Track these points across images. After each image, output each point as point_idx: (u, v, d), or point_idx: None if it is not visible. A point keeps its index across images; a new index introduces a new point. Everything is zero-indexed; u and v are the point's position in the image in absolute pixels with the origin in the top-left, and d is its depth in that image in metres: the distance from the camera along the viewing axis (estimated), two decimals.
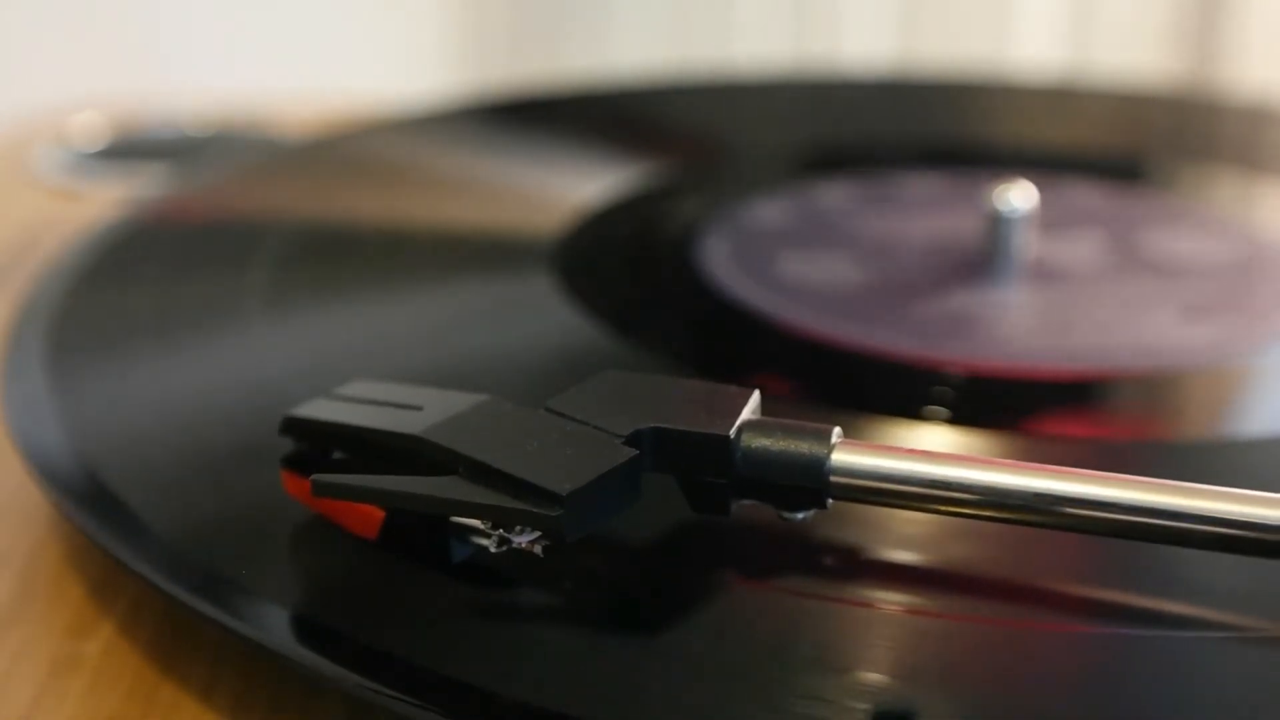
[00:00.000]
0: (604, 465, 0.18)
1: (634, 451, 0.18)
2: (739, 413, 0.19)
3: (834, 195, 0.36)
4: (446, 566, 0.19)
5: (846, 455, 0.18)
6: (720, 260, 0.31)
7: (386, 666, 0.17)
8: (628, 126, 0.42)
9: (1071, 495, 0.18)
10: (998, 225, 0.30)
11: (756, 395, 0.20)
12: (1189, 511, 0.17)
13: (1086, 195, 0.36)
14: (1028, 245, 0.31)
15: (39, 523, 0.23)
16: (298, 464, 0.20)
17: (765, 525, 0.20)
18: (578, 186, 0.36)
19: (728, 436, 0.18)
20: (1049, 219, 0.32)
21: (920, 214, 0.34)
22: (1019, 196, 0.30)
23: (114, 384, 0.25)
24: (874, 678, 0.17)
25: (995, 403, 0.26)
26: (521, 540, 0.18)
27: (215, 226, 0.34)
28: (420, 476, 0.18)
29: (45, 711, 0.19)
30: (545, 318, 0.28)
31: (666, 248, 0.33)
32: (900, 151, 0.40)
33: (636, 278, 0.32)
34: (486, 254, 0.32)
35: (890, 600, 0.19)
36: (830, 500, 0.19)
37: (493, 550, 0.18)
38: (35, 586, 0.22)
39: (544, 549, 0.18)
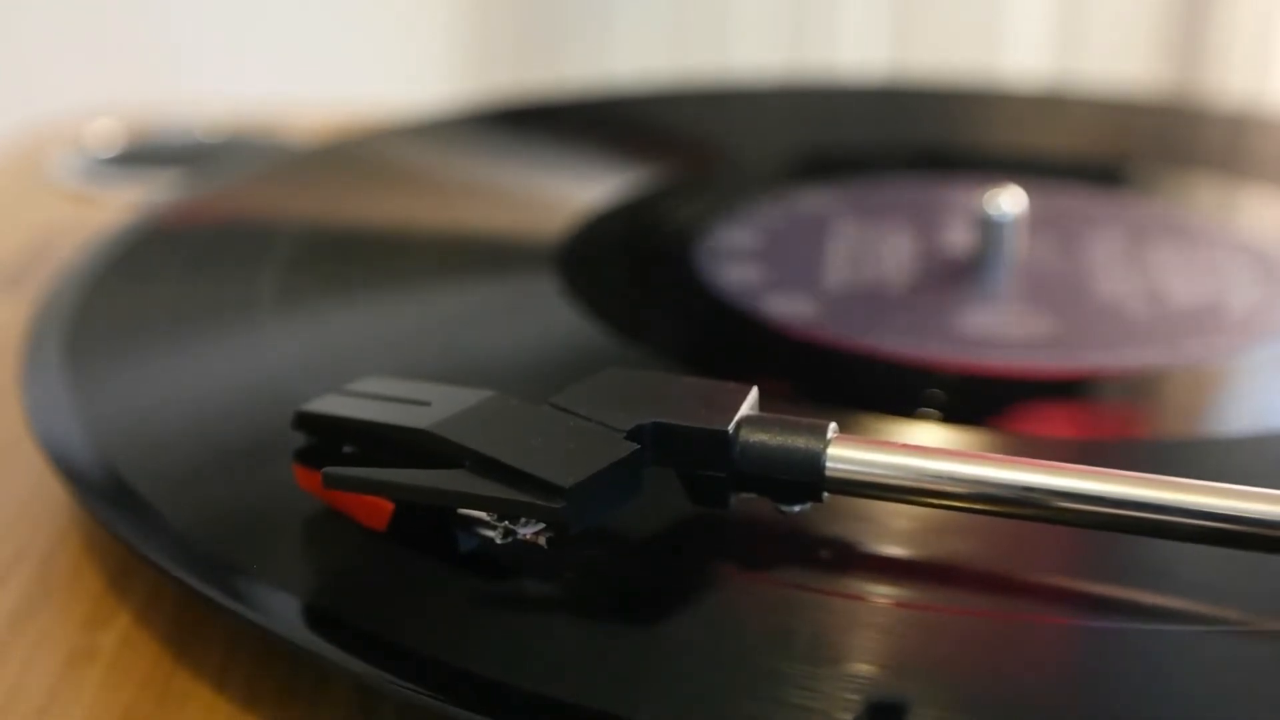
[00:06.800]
0: (606, 459, 0.18)
1: (635, 446, 0.18)
2: (738, 408, 0.19)
3: (829, 199, 0.36)
4: (453, 557, 0.19)
5: (842, 450, 0.19)
6: (718, 262, 0.32)
7: (395, 655, 0.18)
8: (629, 132, 0.43)
9: (1062, 489, 0.18)
10: (988, 229, 0.31)
11: (755, 392, 0.20)
12: (1178, 505, 0.18)
13: (1075, 199, 0.36)
14: (1017, 248, 0.31)
15: (58, 519, 0.24)
16: (309, 458, 0.20)
17: (763, 519, 0.20)
18: (580, 190, 0.36)
19: (727, 431, 0.19)
20: (1038, 223, 0.33)
21: (913, 218, 0.35)
22: (1009, 201, 0.31)
23: (131, 382, 0.26)
24: (868, 669, 0.17)
25: (986, 402, 0.26)
26: (526, 532, 0.18)
27: (227, 230, 0.34)
28: (428, 470, 0.19)
29: (62, 702, 0.19)
30: (548, 317, 0.28)
31: (666, 250, 0.33)
32: (894, 156, 0.40)
33: (637, 279, 0.32)
34: (491, 256, 0.32)
35: (884, 593, 0.19)
36: (826, 494, 0.19)
37: (498, 542, 0.18)
38: (53, 581, 0.22)
39: (548, 540, 0.18)
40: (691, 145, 0.42)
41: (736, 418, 0.19)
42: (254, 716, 0.19)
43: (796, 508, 0.19)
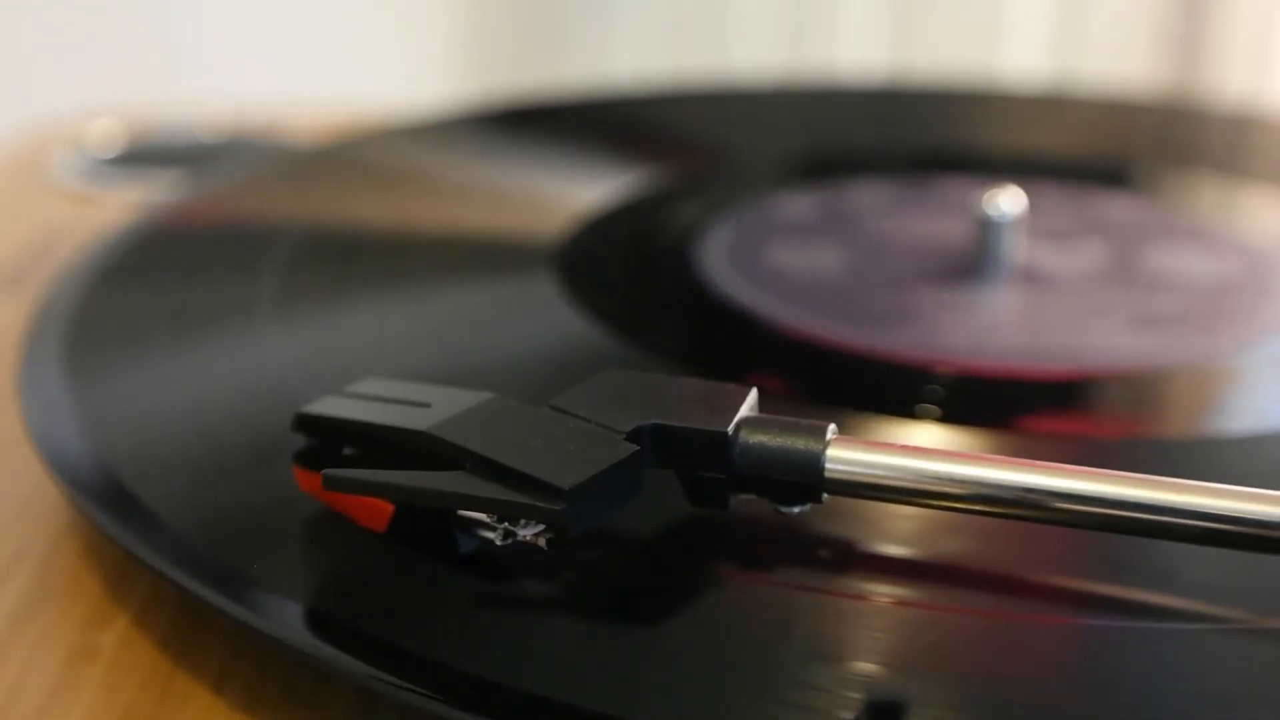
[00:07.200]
0: (606, 460, 0.18)
1: (635, 447, 0.18)
2: (737, 410, 0.19)
3: (828, 199, 0.36)
4: (453, 559, 0.19)
5: (841, 451, 0.19)
6: (717, 263, 0.32)
7: (395, 656, 0.18)
8: (628, 133, 0.43)
9: (1060, 490, 0.18)
10: (987, 229, 0.31)
11: (754, 393, 0.20)
12: (1177, 506, 0.18)
13: (1074, 200, 0.36)
14: (1016, 249, 0.31)
15: (57, 519, 0.24)
16: (309, 460, 0.20)
17: (762, 519, 0.20)
18: (579, 191, 0.36)
19: (726, 433, 0.19)
20: (1037, 223, 0.33)
21: (912, 218, 0.35)
22: (1008, 202, 0.31)
23: (130, 384, 0.26)
24: (868, 668, 0.17)
25: (985, 402, 0.26)
26: (526, 533, 0.18)
27: (228, 230, 0.34)
28: (428, 471, 0.19)
29: (63, 701, 0.19)
30: (548, 319, 0.28)
31: (666, 251, 0.33)
32: (894, 157, 0.40)
33: (636, 280, 0.32)
34: (491, 257, 0.32)
35: (884, 593, 0.19)
36: (825, 495, 0.19)
37: (498, 543, 0.18)
38: (53, 581, 0.22)
39: (548, 542, 0.18)
40: (691, 146, 0.42)
41: (736, 419, 0.19)
42: (254, 718, 0.19)
43: (796, 509, 0.19)
